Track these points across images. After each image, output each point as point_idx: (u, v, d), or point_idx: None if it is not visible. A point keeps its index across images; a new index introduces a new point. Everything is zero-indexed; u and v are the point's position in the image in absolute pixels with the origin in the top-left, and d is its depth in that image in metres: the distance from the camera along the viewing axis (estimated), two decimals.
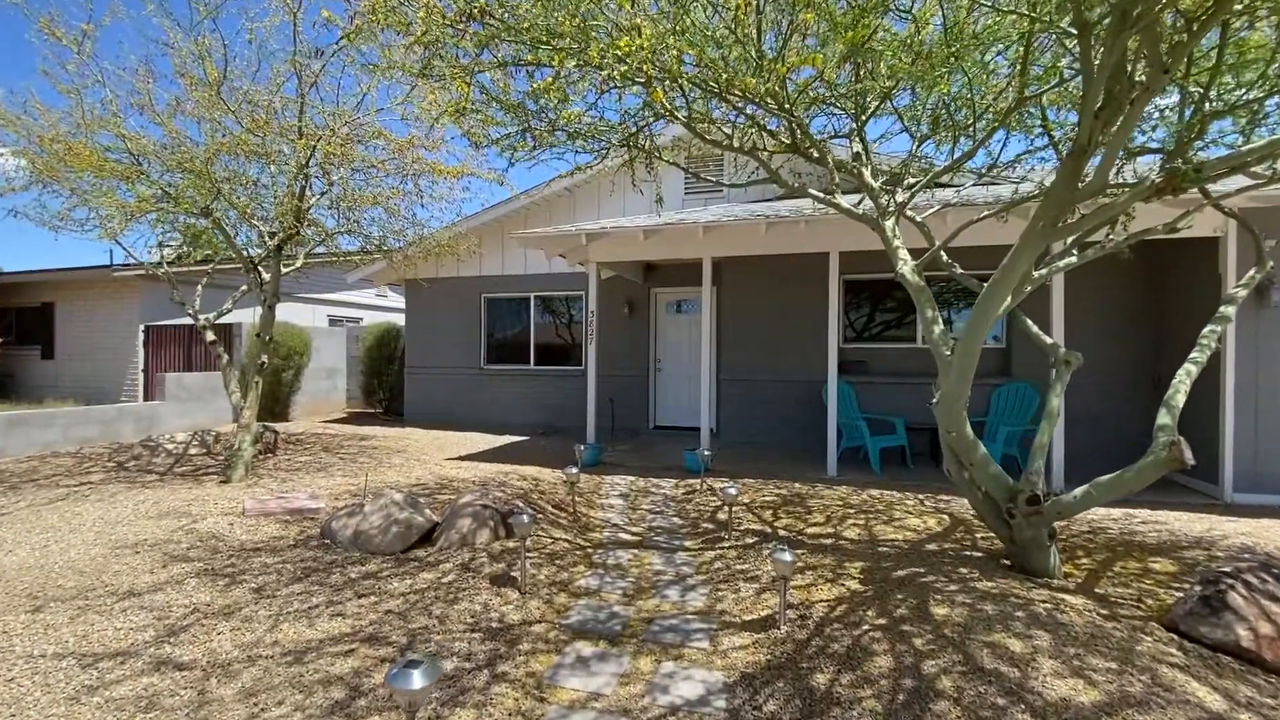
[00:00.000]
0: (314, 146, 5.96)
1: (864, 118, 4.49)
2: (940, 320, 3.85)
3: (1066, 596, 3.13)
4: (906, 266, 3.90)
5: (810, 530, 4.68)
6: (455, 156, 6.74)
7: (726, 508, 4.77)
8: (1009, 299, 3.37)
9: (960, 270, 4.11)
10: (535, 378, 10.77)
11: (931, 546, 4.15)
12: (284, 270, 7.30)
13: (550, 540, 4.51)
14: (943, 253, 3.99)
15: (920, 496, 5.94)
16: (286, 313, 15.33)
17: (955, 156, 4.39)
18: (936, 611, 3.04)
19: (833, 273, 7.01)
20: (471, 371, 11.18)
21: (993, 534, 4.27)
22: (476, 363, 11.18)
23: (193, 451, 7.75)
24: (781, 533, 4.68)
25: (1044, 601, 3.05)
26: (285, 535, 4.38)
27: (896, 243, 4.01)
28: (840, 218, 6.66)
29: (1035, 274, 3.63)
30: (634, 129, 4.56)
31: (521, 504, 4.91)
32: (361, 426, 11.07)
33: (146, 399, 12.34)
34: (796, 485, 6.39)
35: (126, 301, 12.90)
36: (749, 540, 4.58)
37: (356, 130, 6.04)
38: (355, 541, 4.14)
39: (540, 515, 5.03)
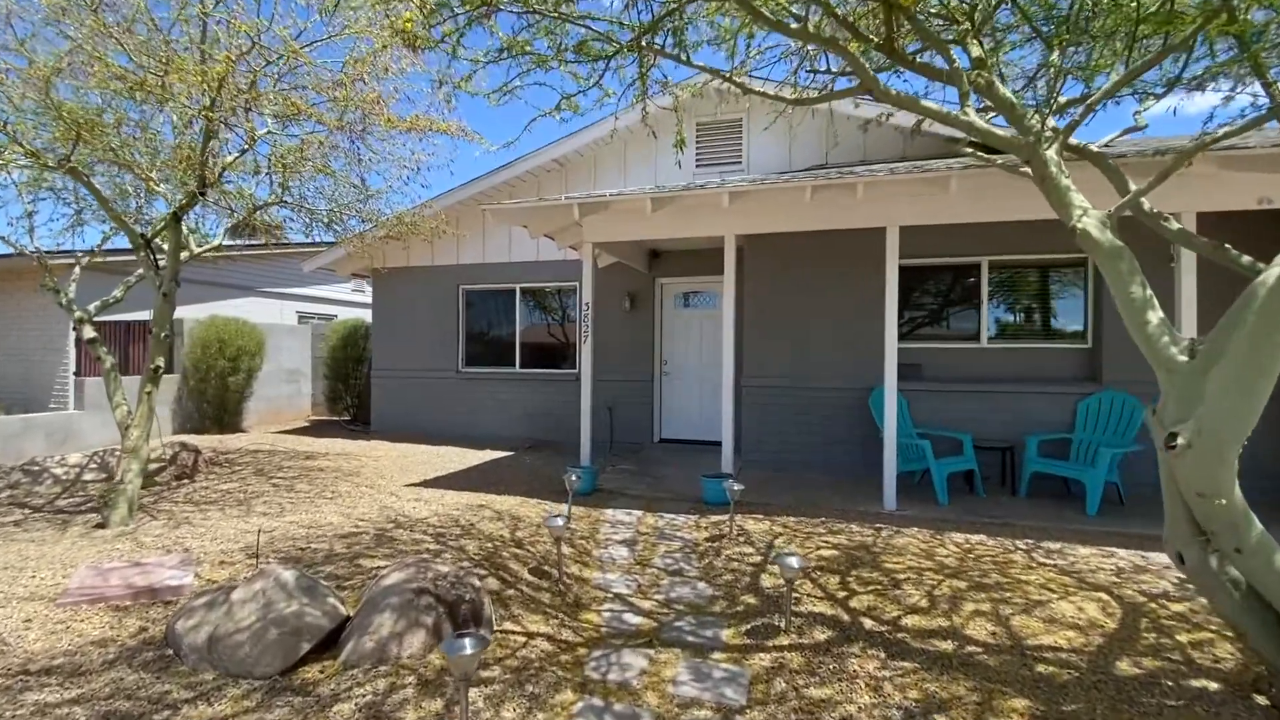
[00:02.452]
0: (220, 80, 4.44)
1: (985, 11, 3.00)
2: (1155, 301, 2.33)
3: None
4: (1091, 219, 2.41)
5: (910, 620, 3.18)
6: (409, 99, 5.25)
7: (784, 584, 3.25)
8: None
9: (1177, 226, 2.59)
10: (521, 382, 9.25)
11: (1125, 667, 2.64)
12: (197, 250, 5.77)
13: (523, 639, 2.99)
14: (1144, 200, 2.49)
15: (1022, 545, 4.46)
16: (247, 308, 13.77)
17: (1125, 68, 2.91)
18: None
19: (890, 253, 5.52)
20: (447, 375, 9.65)
21: (1209, 634, 2.78)
22: (453, 365, 9.66)
23: (88, 477, 6.21)
24: (866, 622, 3.17)
25: None
26: (113, 638, 2.86)
27: (1066, 182, 2.52)
28: (903, 181, 5.18)
29: None
30: (651, 16, 3.03)
31: (480, 580, 3.39)
32: (319, 439, 9.52)
33: (79, 407, 10.77)
34: (854, 527, 4.89)
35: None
36: (818, 633, 3.08)
37: (269, 54, 4.51)
38: (210, 653, 2.62)
39: (513, 591, 3.51)
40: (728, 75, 3.15)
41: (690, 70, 3.76)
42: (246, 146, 5.47)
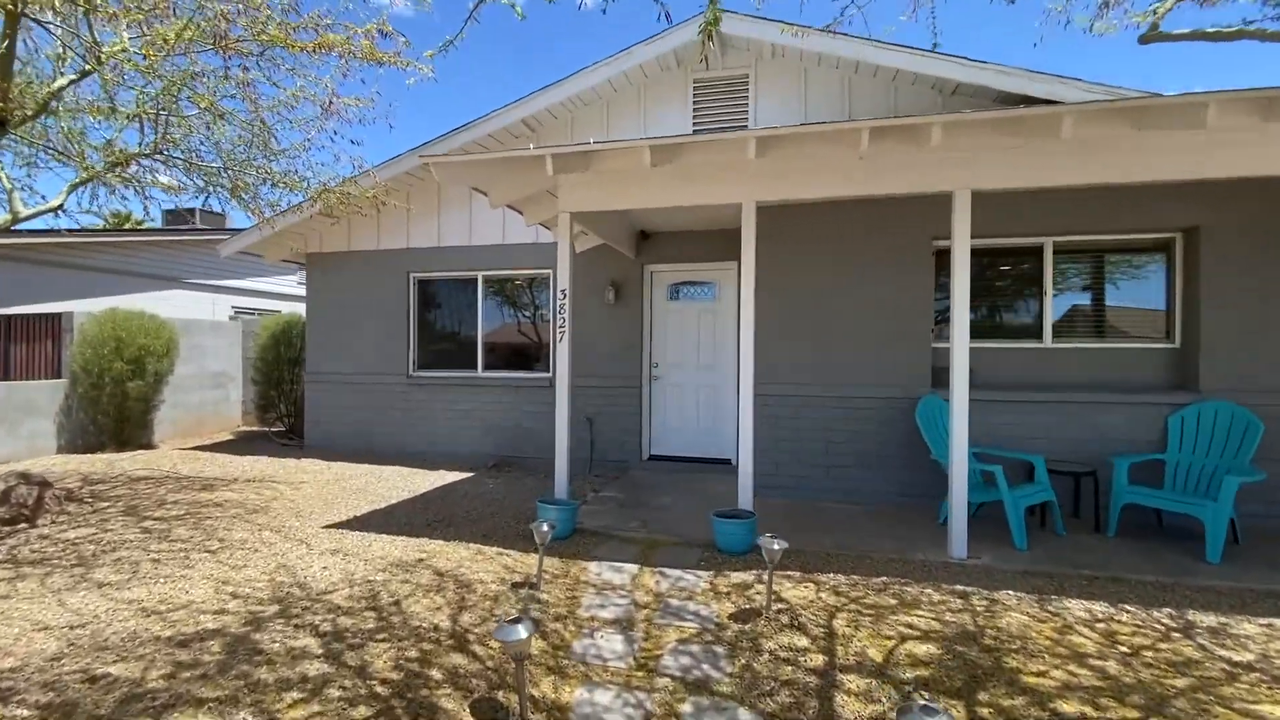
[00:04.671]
0: None
1: None
2: None
3: None
4: None
5: None
6: None
7: None
8: None
9: None
10: (484, 389, 7.78)
11: None
12: (25, 213, 4.20)
13: None
14: None
15: (1170, 623, 3.22)
16: (172, 302, 12.01)
17: None
18: None
19: (959, 223, 4.23)
20: (396, 380, 8.12)
21: None
22: (403, 368, 8.13)
23: None
24: None
25: None
26: None
27: None
28: (994, 122, 3.88)
29: None
30: None
31: None
32: (239, 458, 7.91)
33: None
34: (932, 593, 3.58)
35: None
36: None
37: None
38: None
39: None
40: None
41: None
42: (90, 68, 3.94)
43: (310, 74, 4.57)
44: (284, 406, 9.80)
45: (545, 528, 3.62)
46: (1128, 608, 3.45)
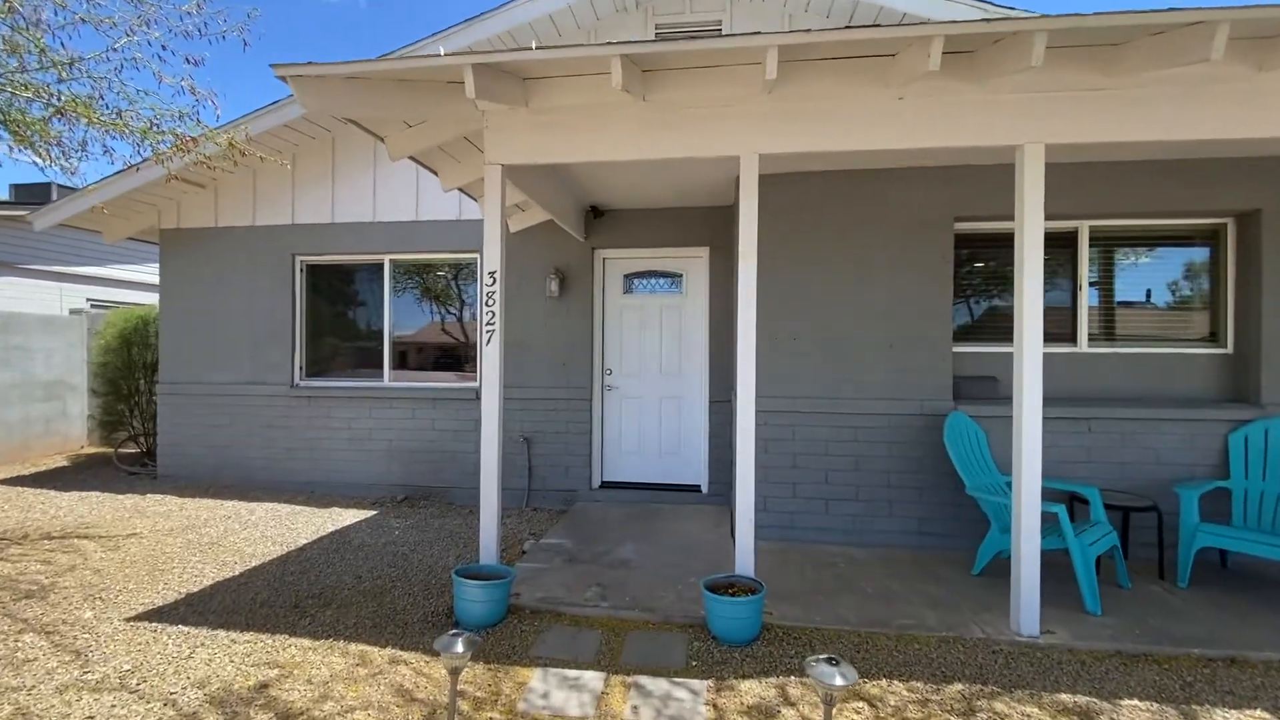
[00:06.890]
0: None
1: None
2: None
3: None
4: None
5: None
6: None
7: None
8: None
9: None
10: (393, 402, 6.20)
11: None
12: None
13: None
14: None
15: None
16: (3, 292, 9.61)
17: None
18: None
19: (1031, 187, 3.14)
20: (278, 392, 6.40)
21: None
22: (286, 376, 6.42)
23: None
24: None
25: None
26: None
27: None
28: (1104, 32, 2.78)
29: None
30: None
31: None
32: (62, 494, 6.00)
33: None
34: (1032, 711, 2.45)
35: None
36: None
37: None
38: None
39: None
40: None
41: None
42: None
43: None
44: (138, 424, 7.80)
45: (460, 647, 2.22)
46: None
